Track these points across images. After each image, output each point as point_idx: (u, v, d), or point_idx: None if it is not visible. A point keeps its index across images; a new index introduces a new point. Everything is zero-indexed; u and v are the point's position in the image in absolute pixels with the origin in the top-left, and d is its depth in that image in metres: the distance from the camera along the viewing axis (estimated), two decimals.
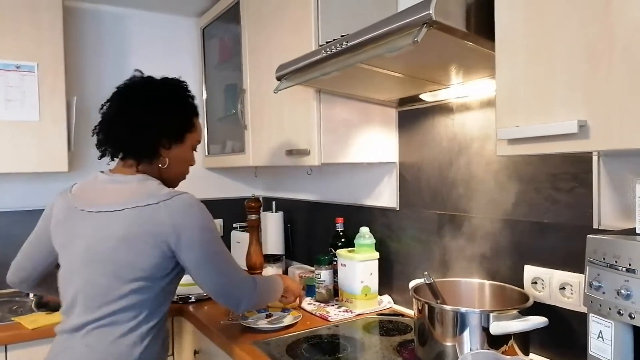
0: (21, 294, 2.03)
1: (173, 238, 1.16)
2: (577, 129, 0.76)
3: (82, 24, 2.32)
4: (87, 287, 1.17)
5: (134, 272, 1.15)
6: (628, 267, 0.78)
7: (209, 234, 1.21)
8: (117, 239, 1.15)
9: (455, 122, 1.51)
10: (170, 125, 1.28)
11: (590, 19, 0.76)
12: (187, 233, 1.17)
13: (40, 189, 2.23)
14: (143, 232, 1.15)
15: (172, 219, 1.16)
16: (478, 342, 1.09)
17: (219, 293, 1.26)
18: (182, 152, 1.33)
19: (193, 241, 1.17)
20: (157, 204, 1.17)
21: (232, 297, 1.27)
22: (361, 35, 1.07)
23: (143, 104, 1.26)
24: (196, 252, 1.18)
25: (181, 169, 1.36)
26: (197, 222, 1.19)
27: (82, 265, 1.19)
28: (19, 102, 1.91)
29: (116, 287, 1.15)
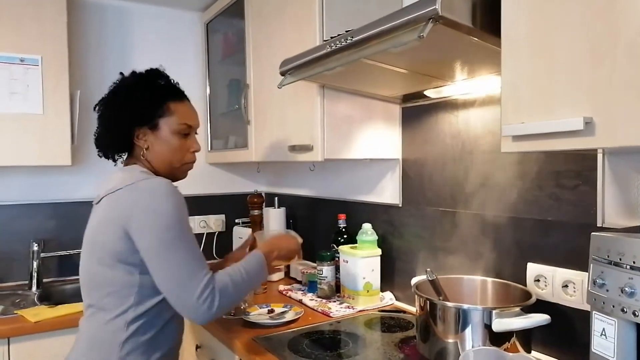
0: (24, 287, 2.04)
1: (126, 221, 1.11)
2: (582, 126, 0.76)
3: (86, 17, 2.32)
4: (82, 273, 1.23)
5: (111, 257, 1.14)
6: (632, 264, 0.78)
7: (163, 219, 1.10)
8: (96, 225, 1.19)
9: (459, 118, 1.51)
10: (134, 114, 1.24)
11: (595, 15, 0.75)
12: (139, 216, 1.10)
13: (44, 183, 2.23)
14: (110, 217, 1.15)
15: (130, 201, 1.12)
16: (480, 339, 1.09)
17: (167, 292, 1.12)
18: (161, 139, 1.27)
19: (144, 225, 1.10)
20: (123, 188, 1.15)
21: (181, 300, 1.10)
22: (366, 30, 1.07)
23: (109, 100, 1.28)
24: (146, 239, 1.10)
25: (168, 157, 1.28)
26: (152, 205, 1.10)
27: (83, 254, 1.25)
28: (23, 95, 1.91)
29: (101, 272, 1.16)
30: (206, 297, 1.10)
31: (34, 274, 2.06)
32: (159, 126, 1.26)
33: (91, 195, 2.33)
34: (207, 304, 1.10)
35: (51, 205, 2.23)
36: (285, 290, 1.94)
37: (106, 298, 1.15)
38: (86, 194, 2.32)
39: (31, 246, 2.07)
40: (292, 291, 1.92)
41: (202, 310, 1.09)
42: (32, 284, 2.05)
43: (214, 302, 1.11)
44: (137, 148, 1.27)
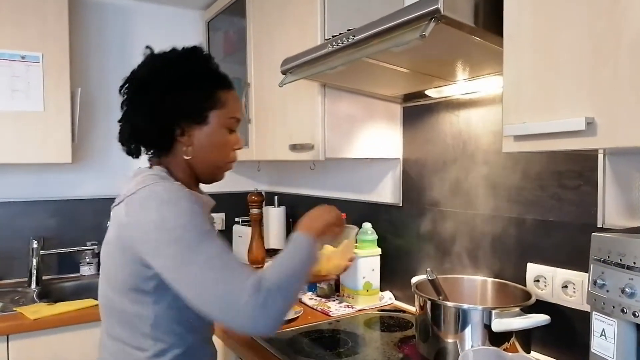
0: (23, 285, 2.04)
1: (131, 243, 0.92)
2: (584, 126, 0.76)
3: (87, 15, 2.32)
4: (99, 294, 1.05)
5: (118, 283, 0.97)
6: (633, 265, 0.78)
7: (169, 231, 0.88)
8: (106, 243, 1.02)
9: (460, 118, 1.51)
10: (182, 105, 1.02)
11: (598, 16, 0.75)
12: (142, 235, 0.91)
13: (44, 180, 2.23)
14: (113, 236, 0.98)
15: (129, 218, 0.93)
16: (479, 339, 1.09)
17: (210, 309, 0.87)
18: (208, 135, 1.04)
19: (151, 245, 0.90)
20: (122, 201, 0.97)
21: (230, 312, 0.86)
22: (368, 29, 1.07)
23: (144, 84, 1.03)
24: (160, 258, 0.89)
25: (214, 156, 1.07)
26: (152, 220, 0.90)
27: (101, 270, 1.05)
28: (24, 92, 1.91)
29: (112, 298, 0.99)
30: (259, 295, 0.85)
31: (34, 272, 2.06)
32: (208, 120, 1.04)
33: (91, 193, 2.36)
34: (262, 302, 0.85)
35: (51, 203, 2.23)
36: None
37: (120, 327, 0.98)
38: (86, 191, 2.32)
39: (31, 243, 2.07)
40: None
41: (259, 313, 0.85)
42: (32, 281, 2.05)
43: (269, 299, 0.86)
44: (177, 146, 1.04)
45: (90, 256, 2.24)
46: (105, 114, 2.34)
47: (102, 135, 2.34)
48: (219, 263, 0.88)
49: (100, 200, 2.33)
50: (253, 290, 0.86)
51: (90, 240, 2.25)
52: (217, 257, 0.89)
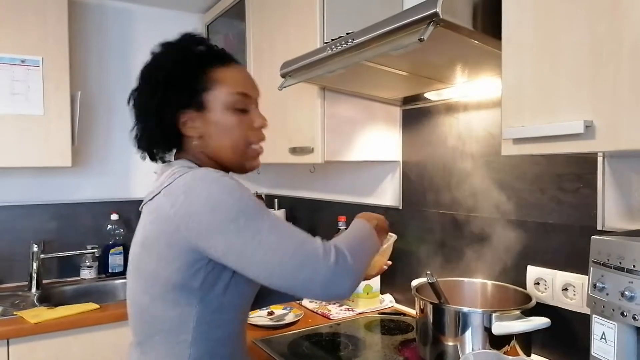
0: (23, 289, 2.04)
1: (182, 233, 0.84)
2: (583, 129, 0.76)
3: (87, 19, 2.33)
4: (129, 301, 0.97)
5: (159, 285, 0.88)
6: (633, 268, 0.78)
7: (223, 212, 0.82)
8: (140, 243, 0.93)
9: (459, 121, 1.51)
10: (170, 94, 0.94)
11: (598, 19, 0.75)
12: (197, 220, 0.83)
13: (44, 184, 2.23)
14: (155, 234, 0.88)
15: (174, 208, 0.85)
16: (480, 342, 1.09)
17: (286, 280, 0.82)
18: (212, 121, 0.96)
19: (209, 227, 0.83)
20: (159, 193, 0.89)
21: (308, 275, 0.81)
22: (367, 32, 1.07)
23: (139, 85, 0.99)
24: (220, 242, 0.82)
25: (227, 142, 0.97)
26: (202, 203, 0.83)
27: (128, 276, 0.97)
28: (24, 96, 1.91)
29: (148, 305, 0.91)
30: (335, 256, 0.82)
31: (34, 275, 2.05)
32: (205, 104, 0.95)
33: (91, 197, 2.36)
34: (342, 264, 0.82)
35: (51, 207, 2.23)
36: None
37: (156, 336, 0.91)
38: (86, 195, 2.32)
39: (31, 247, 2.07)
40: None
41: (340, 275, 0.82)
42: (32, 285, 2.05)
43: (347, 260, 0.84)
44: (187, 140, 0.97)
45: (90, 260, 2.23)
46: (106, 117, 2.34)
47: (102, 139, 2.35)
48: (284, 230, 0.84)
49: (100, 204, 2.33)
50: (326, 251, 0.83)
51: (91, 243, 2.25)
52: (280, 224, 0.85)
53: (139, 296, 0.92)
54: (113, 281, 2.23)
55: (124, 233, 2.30)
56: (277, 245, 0.81)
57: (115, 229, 2.29)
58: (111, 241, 2.28)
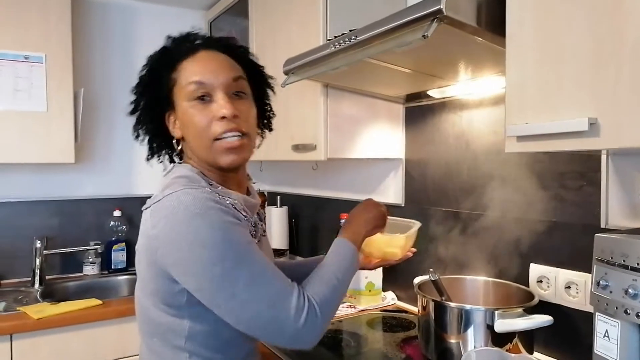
0: (27, 284, 2.05)
1: (159, 257, 0.82)
2: (587, 127, 0.76)
3: (90, 16, 2.33)
4: (136, 299, 0.95)
5: (150, 294, 0.87)
6: (636, 266, 0.77)
7: (203, 251, 0.78)
8: (137, 249, 0.91)
9: (463, 119, 1.51)
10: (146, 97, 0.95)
11: (601, 16, 0.75)
12: (173, 252, 0.80)
13: (47, 180, 2.24)
14: (142, 245, 0.87)
15: (155, 230, 0.82)
16: (482, 340, 1.09)
17: (253, 332, 0.83)
18: (180, 120, 0.92)
19: (181, 262, 0.80)
20: (150, 207, 0.85)
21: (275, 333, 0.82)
22: (370, 29, 1.07)
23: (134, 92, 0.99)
24: (192, 279, 0.80)
25: (196, 139, 0.91)
26: (182, 236, 0.79)
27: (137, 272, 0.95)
28: (27, 92, 1.92)
29: (147, 307, 0.89)
30: (306, 315, 0.81)
31: (37, 271, 2.06)
32: (174, 101, 0.92)
33: (94, 193, 2.37)
34: (310, 322, 0.81)
35: (54, 203, 2.23)
36: None
37: (154, 338, 0.90)
38: (89, 191, 2.32)
39: (34, 243, 2.08)
40: None
41: (304, 331, 0.81)
42: (35, 280, 2.05)
43: (317, 317, 0.82)
44: (181, 142, 0.96)
45: (93, 256, 2.24)
46: (108, 114, 2.34)
47: (105, 135, 2.35)
48: (260, 284, 0.80)
49: (103, 200, 2.34)
50: (297, 310, 0.80)
51: (93, 240, 2.26)
52: (257, 276, 0.80)
53: (141, 298, 0.92)
54: (116, 277, 2.23)
55: (127, 229, 2.31)
56: (249, 301, 0.79)
57: (118, 226, 2.30)
58: (114, 237, 2.28)
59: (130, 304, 1.00)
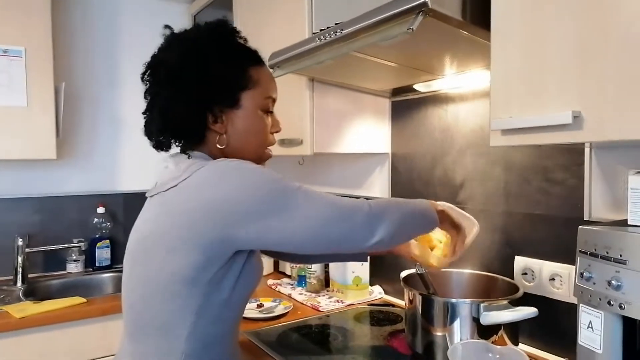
0: (9, 283, 2.01)
1: (210, 224, 0.81)
2: (571, 120, 0.76)
3: (71, 8, 2.28)
4: (125, 291, 0.93)
5: (164, 276, 0.84)
6: (619, 258, 0.78)
7: (262, 189, 0.82)
8: (146, 233, 0.89)
9: (448, 112, 1.51)
10: (212, 87, 0.92)
11: (586, 9, 0.75)
12: (232, 208, 0.81)
13: (28, 177, 2.19)
14: (169, 224, 0.84)
15: (199, 200, 0.82)
16: (468, 332, 1.10)
17: (332, 236, 0.86)
18: (243, 120, 0.95)
19: (249, 212, 0.81)
20: (177, 186, 0.85)
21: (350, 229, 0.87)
22: (356, 23, 1.06)
23: (168, 68, 0.92)
24: (256, 223, 0.81)
25: (251, 143, 0.97)
26: (235, 189, 0.82)
27: (126, 261, 0.94)
28: (6, 87, 1.87)
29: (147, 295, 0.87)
30: (366, 203, 0.89)
31: (19, 269, 2.02)
32: (240, 102, 0.95)
33: (77, 189, 2.33)
34: (373, 207, 0.89)
35: (36, 200, 2.19)
36: (274, 284, 1.93)
37: (151, 329, 0.87)
38: (71, 187, 2.29)
39: (16, 241, 2.04)
40: (281, 285, 1.91)
41: (373, 213, 0.88)
42: (17, 279, 2.02)
43: (379, 205, 0.90)
44: (209, 135, 0.95)
45: (76, 253, 2.21)
46: (91, 109, 2.31)
47: (87, 131, 2.31)
48: (317, 197, 0.87)
49: (86, 197, 2.30)
50: (357, 203, 0.88)
51: (77, 237, 2.22)
52: (312, 193, 0.87)
53: (140, 285, 0.88)
54: (100, 275, 2.20)
55: (111, 226, 2.28)
56: (316, 210, 0.84)
57: (102, 222, 2.27)
58: (98, 234, 2.25)
59: (115, 301, 0.98)
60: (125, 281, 0.93)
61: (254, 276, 0.93)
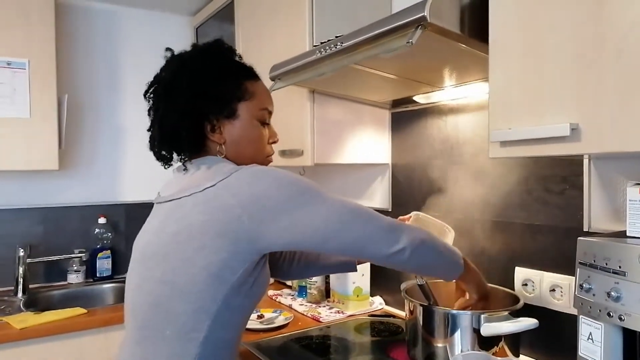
0: (9, 294, 2.01)
1: (246, 220, 0.84)
2: (569, 132, 0.77)
3: (74, 21, 2.31)
4: (135, 294, 0.94)
5: (187, 275, 0.86)
6: (618, 269, 0.79)
7: (289, 189, 0.88)
8: (169, 234, 0.90)
9: (448, 124, 1.52)
10: (206, 99, 0.97)
11: (583, 22, 0.76)
12: (261, 205, 0.85)
13: (30, 187, 2.20)
14: (205, 220, 0.87)
15: (237, 197, 0.86)
16: (469, 344, 1.10)
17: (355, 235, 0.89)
18: (240, 130, 1.00)
19: (275, 208, 0.86)
20: (215, 185, 0.88)
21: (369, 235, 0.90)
22: (356, 36, 1.08)
23: (167, 85, 0.99)
24: (287, 219, 0.86)
25: (249, 152, 1.03)
26: (269, 186, 0.87)
27: (137, 264, 0.96)
28: (10, 98, 1.89)
29: (164, 297, 0.88)
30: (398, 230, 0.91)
31: (20, 280, 2.02)
32: (237, 113, 1.00)
33: (78, 200, 2.34)
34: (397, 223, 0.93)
35: (38, 210, 2.20)
36: (275, 295, 1.93)
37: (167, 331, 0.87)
38: (73, 198, 2.29)
39: (17, 251, 2.04)
40: (281, 296, 1.91)
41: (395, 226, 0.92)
42: (18, 290, 2.02)
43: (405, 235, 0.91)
44: (210, 144, 1.00)
45: (77, 264, 2.21)
46: (93, 120, 2.32)
47: (89, 142, 2.32)
48: (345, 201, 0.91)
49: (87, 207, 2.31)
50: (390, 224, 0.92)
51: (78, 247, 2.22)
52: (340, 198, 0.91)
53: (156, 287, 0.89)
54: (101, 285, 2.20)
55: (112, 237, 2.28)
56: (342, 206, 0.89)
57: (103, 233, 2.27)
58: (99, 245, 2.25)
59: (116, 312, 0.98)
60: (136, 285, 0.94)
61: (264, 285, 0.96)
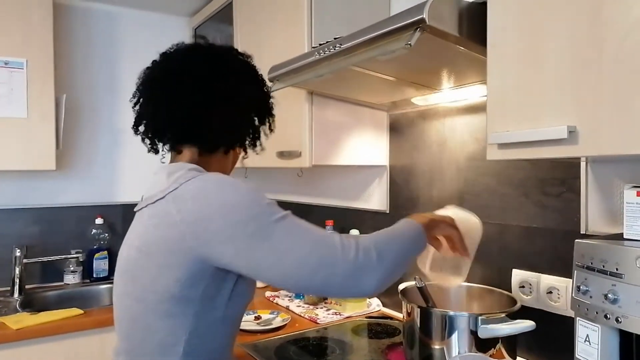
0: (6, 294, 2.01)
1: (189, 241, 0.80)
2: (566, 135, 0.77)
3: (73, 21, 2.30)
4: (117, 306, 0.92)
5: (156, 293, 0.83)
6: (615, 271, 0.79)
7: (234, 218, 0.79)
8: (136, 248, 0.87)
9: (446, 126, 1.52)
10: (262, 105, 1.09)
11: (581, 25, 0.77)
12: (204, 227, 0.79)
13: (27, 188, 2.20)
14: (159, 237, 0.83)
15: (181, 214, 0.81)
16: (466, 345, 1.10)
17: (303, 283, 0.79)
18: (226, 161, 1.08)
19: (216, 235, 0.79)
20: (164, 197, 0.84)
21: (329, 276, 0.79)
22: (354, 38, 1.08)
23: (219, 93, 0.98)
24: (229, 247, 0.79)
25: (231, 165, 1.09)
26: (213, 208, 0.80)
27: (118, 277, 0.92)
28: (7, 98, 1.89)
29: (139, 313, 0.85)
30: (355, 250, 0.81)
31: (16, 280, 2.02)
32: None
33: (76, 200, 2.33)
34: (363, 258, 0.80)
35: (34, 211, 2.20)
36: (272, 296, 1.93)
37: (147, 346, 0.86)
38: (70, 199, 2.29)
39: (14, 252, 2.03)
40: (278, 297, 1.91)
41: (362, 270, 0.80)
42: (14, 290, 2.01)
43: (369, 251, 0.82)
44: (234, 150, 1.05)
45: (74, 264, 2.20)
46: (91, 120, 2.32)
47: (87, 142, 2.32)
48: (298, 232, 0.81)
49: (84, 208, 2.30)
50: (344, 246, 0.80)
51: (75, 248, 2.22)
52: (293, 226, 0.82)
53: (131, 304, 0.87)
54: (97, 286, 2.20)
55: (109, 237, 2.28)
56: (290, 249, 0.79)
57: (100, 234, 2.27)
58: (95, 245, 2.25)
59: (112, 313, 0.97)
60: (118, 295, 0.92)
61: (246, 294, 0.91)
